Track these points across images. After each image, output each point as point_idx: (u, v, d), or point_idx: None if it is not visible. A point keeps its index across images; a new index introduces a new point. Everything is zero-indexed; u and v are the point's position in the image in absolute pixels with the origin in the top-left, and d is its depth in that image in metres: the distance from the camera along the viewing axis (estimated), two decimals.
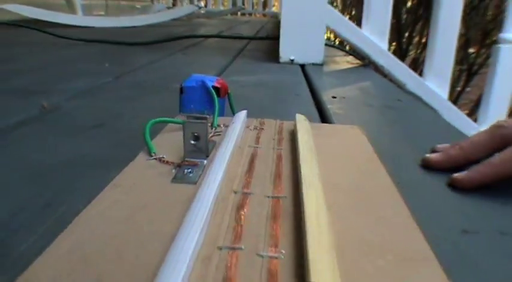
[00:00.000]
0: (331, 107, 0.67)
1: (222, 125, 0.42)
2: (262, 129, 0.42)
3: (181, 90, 0.46)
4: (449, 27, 1.20)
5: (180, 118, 0.45)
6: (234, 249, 0.22)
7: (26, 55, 1.17)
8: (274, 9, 6.11)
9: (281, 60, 1.16)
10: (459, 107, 1.49)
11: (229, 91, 0.49)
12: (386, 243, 0.23)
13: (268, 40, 1.66)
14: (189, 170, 0.31)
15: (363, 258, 0.22)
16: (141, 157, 0.34)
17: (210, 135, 0.38)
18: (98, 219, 0.25)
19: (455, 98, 3.11)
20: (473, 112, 2.65)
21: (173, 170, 0.31)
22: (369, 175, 0.33)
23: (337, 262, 0.20)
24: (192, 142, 0.32)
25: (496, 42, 1.37)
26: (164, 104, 0.65)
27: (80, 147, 0.46)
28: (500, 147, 0.39)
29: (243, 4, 5.06)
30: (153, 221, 0.25)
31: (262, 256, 0.22)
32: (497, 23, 2.86)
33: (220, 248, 0.22)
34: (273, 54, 1.29)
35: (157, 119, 0.39)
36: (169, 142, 0.37)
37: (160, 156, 0.34)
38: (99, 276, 0.20)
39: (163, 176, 0.31)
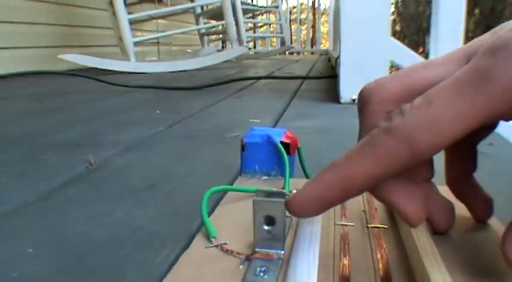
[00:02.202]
0: None
1: (294, 191, 0.34)
2: None
3: (243, 147, 0.39)
4: None
5: (243, 183, 0.37)
6: None
7: (78, 104, 1.15)
8: (322, 46, 6.11)
9: (342, 100, 1.08)
10: None
11: (299, 145, 0.41)
12: None
13: (323, 79, 1.59)
14: (263, 269, 0.23)
15: None
16: (198, 243, 0.27)
17: None
18: None
19: None
20: None
21: (241, 266, 0.23)
22: None
23: None
24: (265, 227, 0.24)
25: None
26: (221, 159, 0.58)
27: (129, 216, 0.39)
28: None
29: (291, 43, 5.07)
30: None
31: None
32: None
33: None
34: (331, 94, 1.22)
35: (217, 188, 0.32)
36: (232, 218, 0.30)
37: (223, 242, 0.26)
38: None
39: (229, 276, 0.23)
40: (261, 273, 0.23)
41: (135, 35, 2.39)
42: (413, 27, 7.58)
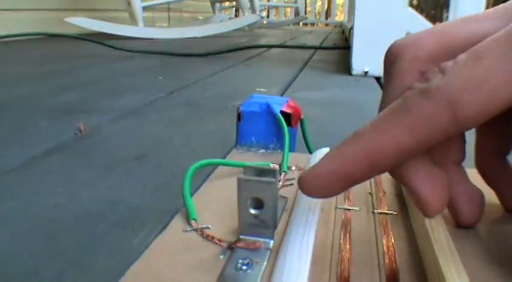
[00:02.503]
0: None
1: (294, 167, 0.30)
2: None
3: (239, 116, 0.35)
4: None
5: (237, 156, 0.33)
6: None
7: (81, 69, 1.11)
8: (337, 18, 5.96)
9: (353, 72, 1.03)
10: None
11: (302, 116, 0.37)
12: None
13: (335, 50, 1.53)
14: (246, 261, 0.19)
15: None
16: (177, 225, 0.23)
17: (279, 186, 0.26)
18: None
19: None
20: None
21: (221, 256, 0.20)
22: None
23: None
24: (252, 211, 0.20)
25: None
26: (221, 130, 0.54)
27: (113, 189, 0.36)
28: None
29: (305, 14, 4.94)
30: None
31: None
32: None
33: None
34: (342, 66, 1.16)
35: (203, 162, 0.28)
36: (219, 197, 0.26)
37: (204, 225, 0.22)
38: None
39: (205, 269, 0.19)
40: (244, 267, 0.19)
41: (144, 0, 2.32)
42: (430, 2, 7.37)
